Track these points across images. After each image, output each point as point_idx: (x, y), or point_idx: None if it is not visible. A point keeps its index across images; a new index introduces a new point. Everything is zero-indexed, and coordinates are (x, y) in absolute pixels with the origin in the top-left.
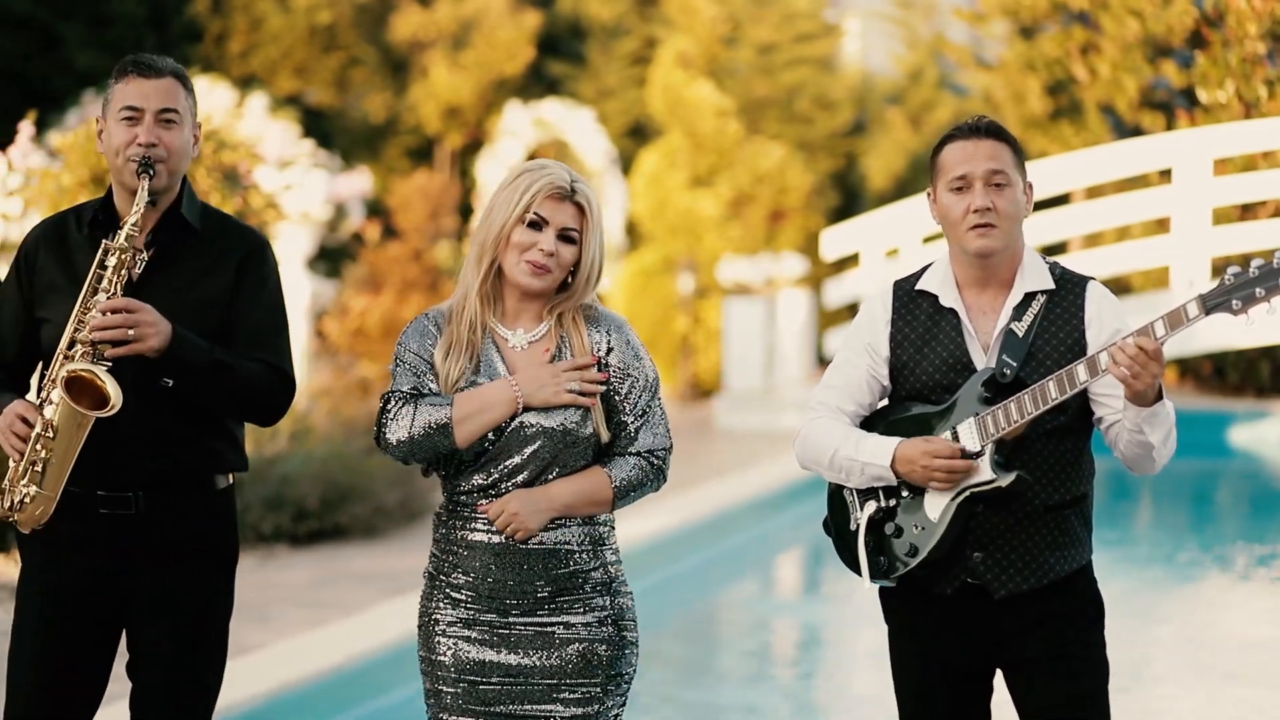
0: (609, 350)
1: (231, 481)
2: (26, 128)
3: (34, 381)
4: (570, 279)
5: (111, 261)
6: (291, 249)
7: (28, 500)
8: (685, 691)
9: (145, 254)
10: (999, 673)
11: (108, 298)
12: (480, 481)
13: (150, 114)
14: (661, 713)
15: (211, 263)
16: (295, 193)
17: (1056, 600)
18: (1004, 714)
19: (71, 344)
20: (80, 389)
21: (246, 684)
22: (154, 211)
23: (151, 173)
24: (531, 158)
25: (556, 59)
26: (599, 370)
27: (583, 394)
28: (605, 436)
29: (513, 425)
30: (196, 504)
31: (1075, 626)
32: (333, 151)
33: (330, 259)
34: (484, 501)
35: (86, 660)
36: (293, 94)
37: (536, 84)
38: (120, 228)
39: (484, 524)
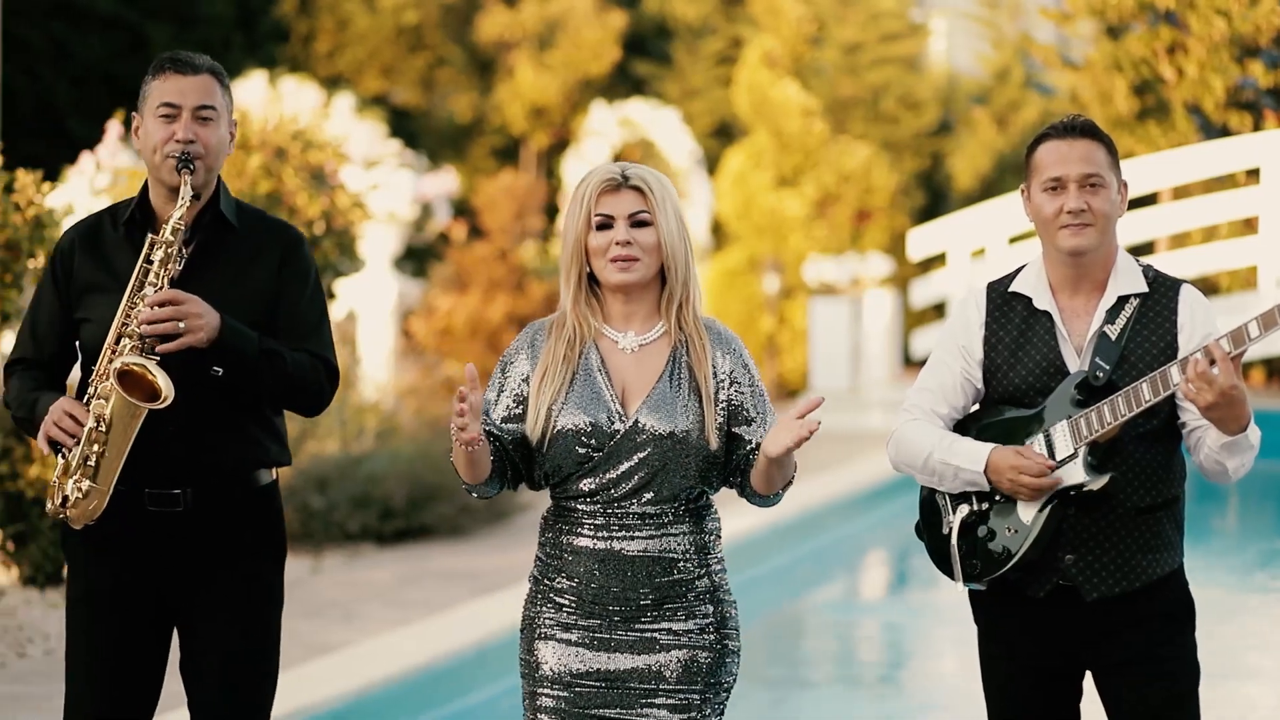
0: (729, 373)
1: (275, 477)
2: (114, 127)
3: (72, 381)
4: (665, 267)
5: (158, 255)
6: (378, 249)
7: (80, 495)
8: (769, 693)
9: (185, 250)
10: (1088, 675)
11: (155, 291)
12: (587, 487)
13: (188, 110)
14: (744, 713)
15: (252, 257)
16: (382, 192)
17: (1148, 603)
18: (1092, 716)
19: (119, 339)
20: (131, 382)
21: (332, 683)
22: (192, 208)
23: (191, 168)
24: (617, 157)
25: (642, 59)
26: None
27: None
28: (715, 445)
29: (624, 431)
30: (243, 500)
31: (1166, 629)
32: (419, 151)
33: (416, 258)
34: (815, 398)
35: (140, 660)
36: (379, 94)
37: (622, 84)
38: (164, 224)
39: (590, 529)
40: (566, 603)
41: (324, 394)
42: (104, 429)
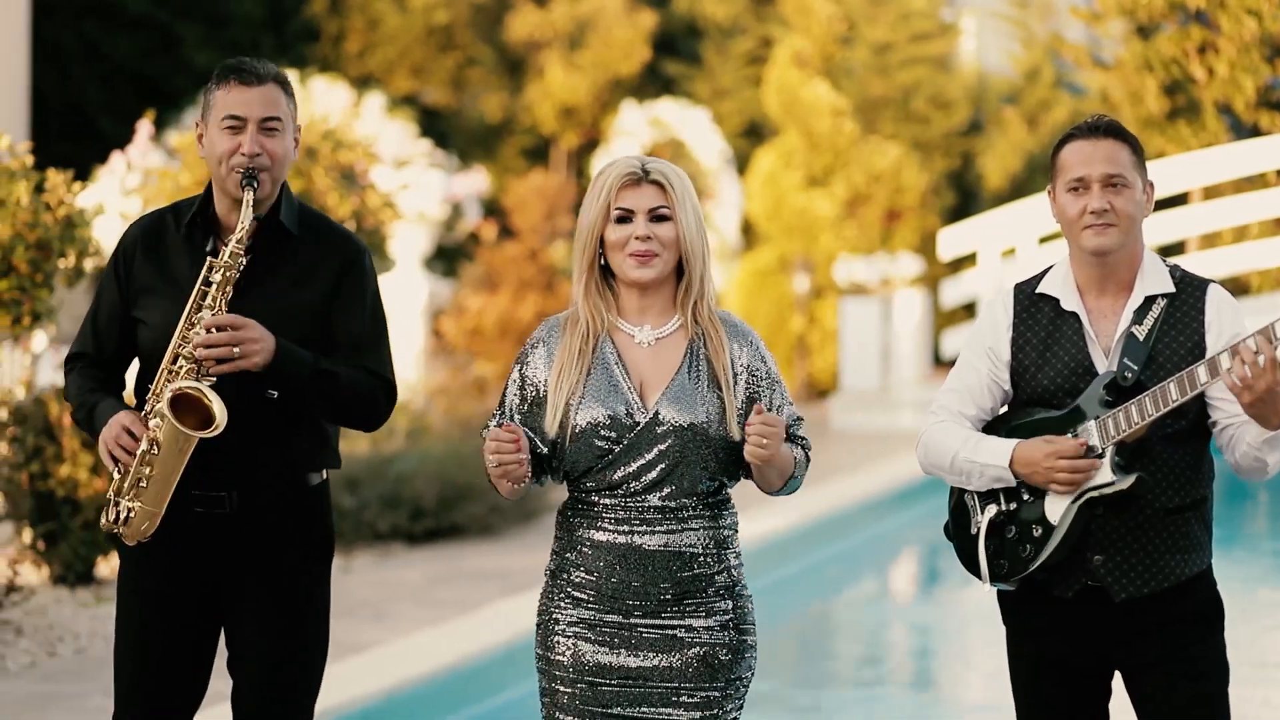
0: (747, 365)
1: (325, 478)
2: (145, 127)
3: (130, 378)
4: (683, 260)
5: (216, 278)
6: (408, 248)
7: (133, 515)
8: (798, 693)
9: (245, 258)
10: (1117, 675)
11: (212, 314)
12: (606, 480)
13: (253, 123)
14: (775, 714)
15: (310, 269)
16: (412, 192)
17: (1177, 603)
18: (1121, 717)
19: (175, 359)
20: (186, 405)
21: (363, 682)
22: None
23: (255, 184)
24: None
25: (672, 59)
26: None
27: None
28: (738, 435)
29: (644, 423)
30: (290, 502)
31: (1196, 630)
32: (449, 151)
33: (447, 258)
34: (760, 408)
35: (186, 659)
36: (409, 94)
37: (652, 84)
38: (225, 243)
39: (610, 523)
40: (586, 597)
41: (380, 411)
42: (155, 451)
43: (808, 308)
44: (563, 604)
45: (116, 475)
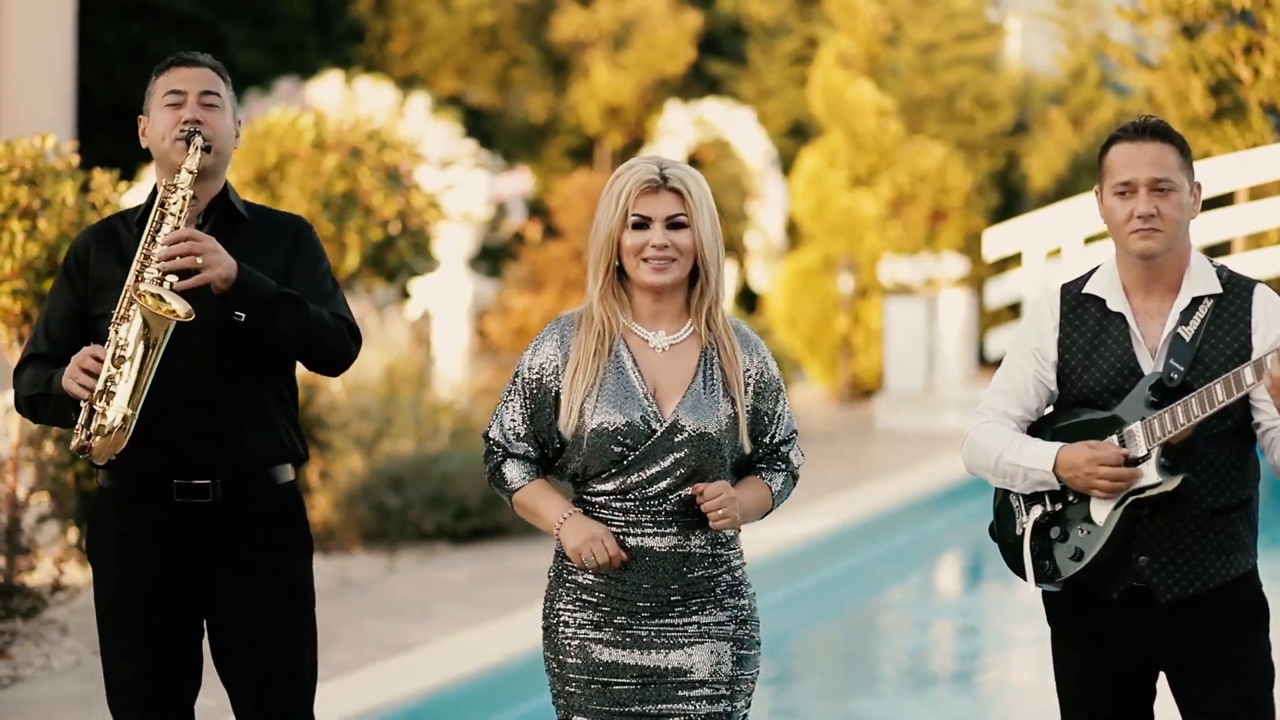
0: (756, 374)
1: (294, 476)
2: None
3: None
4: (698, 266)
5: (174, 200)
6: (453, 248)
7: (103, 422)
8: (842, 694)
9: (195, 198)
10: (1162, 675)
11: (172, 229)
12: (615, 486)
13: (193, 95)
14: (818, 714)
15: (264, 246)
16: (457, 192)
17: (1222, 604)
18: (1166, 717)
19: (137, 279)
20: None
21: (407, 681)
22: (203, 196)
23: (198, 138)
24: (691, 159)
25: (717, 59)
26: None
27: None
28: (748, 449)
29: (661, 431)
30: (267, 493)
31: (1240, 630)
32: (494, 151)
33: (491, 258)
34: (699, 485)
35: (175, 653)
36: (454, 94)
37: (697, 84)
38: (181, 171)
39: (619, 526)
40: (595, 599)
41: (349, 348)
42: (125, 352)
43: (852, 308)
44: (570, 606)
45: (85, 394)
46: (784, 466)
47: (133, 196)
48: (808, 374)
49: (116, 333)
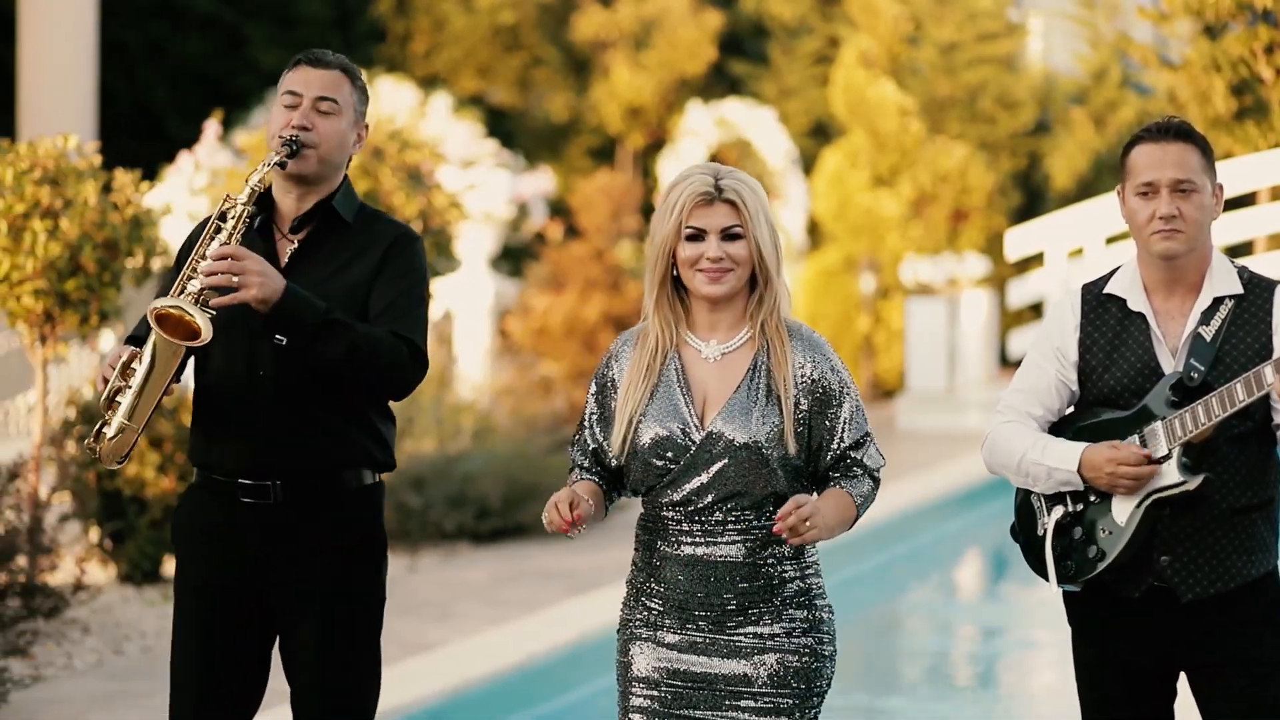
0: (812, 372)
1: (377, 480)
2: (212, 127)
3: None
4: (756, 274)
5: (232, 214)
6: (475, 248)
7: (108, 430)
8: (864, 693)
9: (294, 240)
10: (1182, 675)
11: (220, 246)
12: (672, 498)
13: (308, 100)
14: (840, 714)
15: (359, 252)
16: (478, 192)
17: (1243, 604)
18: (1186, 717)
19: (181, 291)
20: (172, 325)
21: (428, 681)
22: (309, 200)
23: (293, 149)
24: (713, 157)
25: (738, 58)
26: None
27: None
28: (794, 450)
29: (699, 442)
30: (336, 498)
31: (1261, 630)
32: (515, 151)
33: (513, 258)
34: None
35: (243, 655)
36: (476, 94)
37: (718, 83)
38: (245, 185)
39: (676, 536)
40: (658, 607)
41: (406, 373)
42: (138, 366)
43: (874, 308)
44: (638, 613)
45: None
46: (860, 471)
47: (155, 197)
48: None
49: (141, 344)
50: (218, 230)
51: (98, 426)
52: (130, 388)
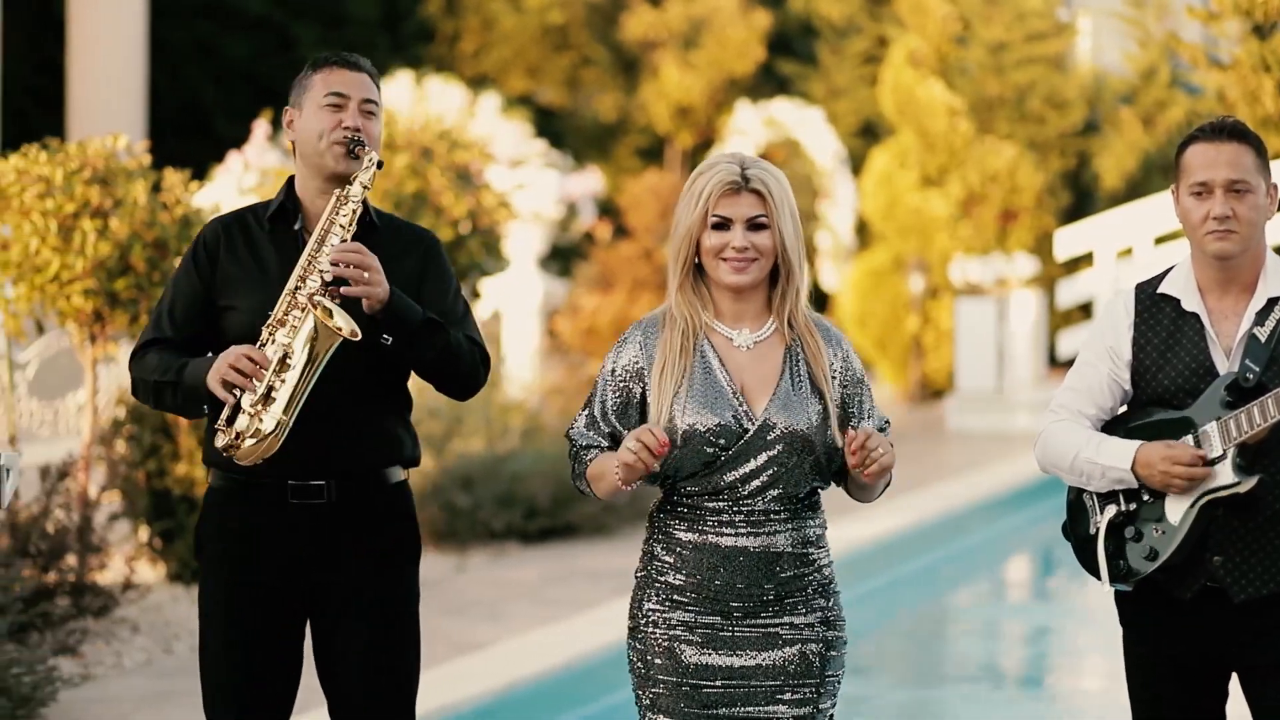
0: (840, 363)
1: (406, 476)
2: (261, 127)
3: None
4: (779, 265)
5: (344, 212)
6: (523, 248)
7: (258, 427)
8: (912, 692)
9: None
10: (1234, 676)
11: (340, 241)
12: (712, 485)
13: (355, 101)
14: (889, 714)
15: (397, 254)
16: (527, 192)
17: None
18: (1237, 717)
19: (296, 288)
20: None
21: (477, 681)
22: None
23: (363, 147)
24: (761, 156)
25: (787, 58)
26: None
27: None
28: (839, 442)
29: (754, 430)
30: (382, 496)
31: None
32: (564, 151)
33: (562, 258)
34: (849, 433)
35: (284, 656)
36: (524, 94)
37: (767, 83)
38: (350, 181)
39: (713, 525)
40: (686, 600)
41: (478, 374)
42: (291, 359)
43: (923, 308)
44: (659, 606)
45: (232, 397)
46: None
47: (204, 196)
48: (878, 374)
49: (273, 337)
50: (329, 227)
51: (231, 419)
52: (285, 382)
